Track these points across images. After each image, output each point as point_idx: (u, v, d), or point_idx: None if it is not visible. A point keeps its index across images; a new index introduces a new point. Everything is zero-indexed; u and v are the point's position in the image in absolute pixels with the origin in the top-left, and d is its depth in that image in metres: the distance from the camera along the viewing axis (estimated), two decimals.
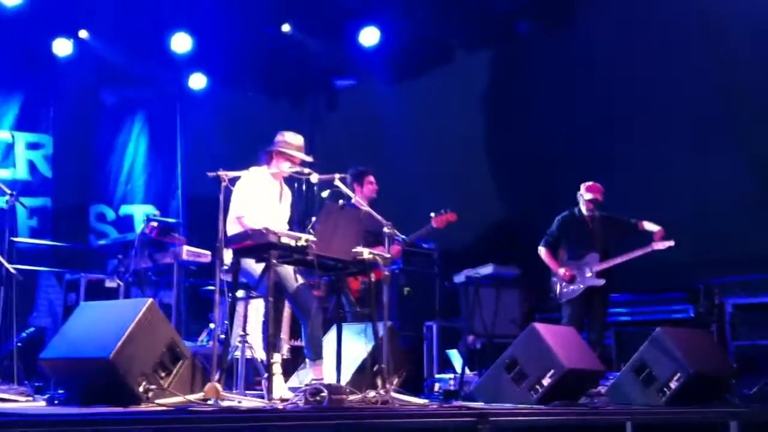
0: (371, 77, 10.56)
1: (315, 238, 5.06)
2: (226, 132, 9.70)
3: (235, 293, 5.24)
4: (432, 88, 10.36)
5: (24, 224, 8.83)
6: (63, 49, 9.23)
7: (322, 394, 4.64)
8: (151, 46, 9.56)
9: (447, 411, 4.92)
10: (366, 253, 5.29)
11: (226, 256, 5.18)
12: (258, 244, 4.99)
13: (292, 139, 5.76)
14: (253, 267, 5.30)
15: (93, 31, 9.32)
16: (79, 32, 9.27)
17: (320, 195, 5.95)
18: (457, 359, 7.62)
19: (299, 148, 5.75)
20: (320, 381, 5.18)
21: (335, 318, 5.74)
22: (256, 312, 5.93)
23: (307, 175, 5.59)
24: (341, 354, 5.52)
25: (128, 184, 9.81)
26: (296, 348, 6.39)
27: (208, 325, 6.86)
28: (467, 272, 7.19)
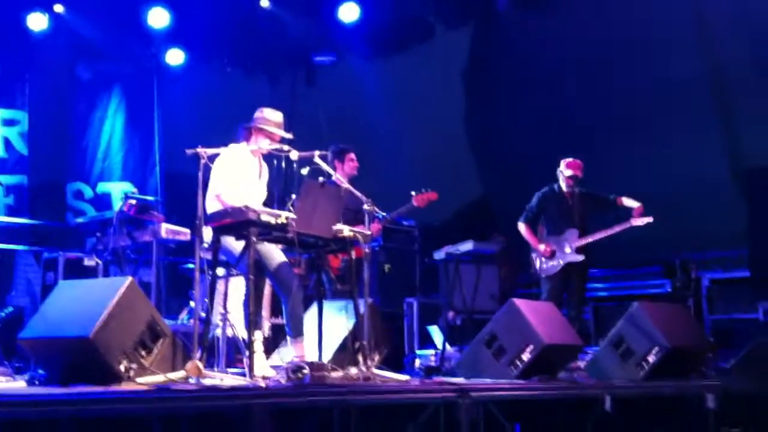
0: (351, 53, 10.52)
1: (295, 215, 5.04)
2: (204, 108, 9.62)
3: (215, 271, 5.22)
4: (412, 65, 10.34)
5: (0, 203, 8.74)
6: (38, 24, 9.07)
7: (304, 371, 4.66)
8: (127, 21, 9.43)
9: (428, 387, 4.96)
10: (346, 230, 5.28)
11: (206, 233, 5.16)
12: (238, 221, 4.97)
13: (272, 116, 5.72)
14: (233, 245, 5.27)
15: (68, 5, 9.17)
16: (54, 6, 9.12)
17: (300, 172, 5.91)
18: (437, 335, 7.67)
19: (278, 125, 5.71)
20: (302, 358, 5.20)
21: (316, 295, 5.74)
22: (236, 290, 5.92)
23: (287, 152, 5.55)
24: (322, 331, 5.53)
25: (105, 161, 9.71)
26: (277, 326, 6.39)
27: (188, 303, 6.84)
28: (447, 249, 7.21)
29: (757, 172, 8.12)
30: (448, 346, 7.09)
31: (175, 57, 9.96)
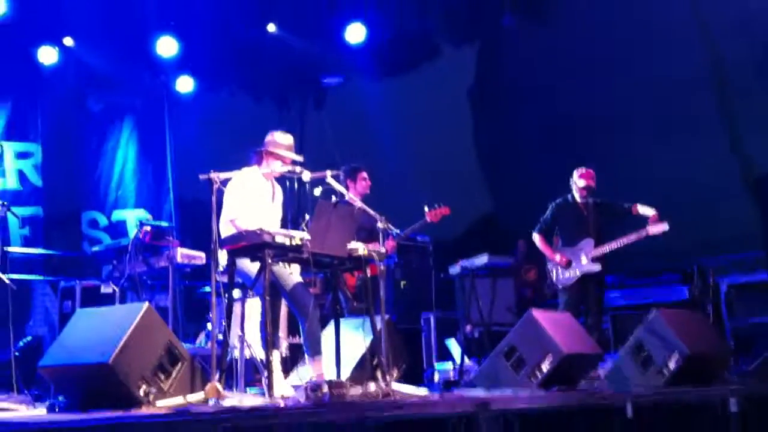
0: (358, 74, 10.58)
1: (309, 236, 5.06)
2: (215, 133, 9.70)
3: (231, 294, 5.24)
4: (419, 84, 10.40)
5: (16, 234, 8.81)
6: (48, 57, 9.20)
7: (323, 389, 4.65)
8: (136, 51, 9.54)
9: (448, 401, 4.94)
10: (361, 249, 5.30)
11: (221, 257, 5.19)
12: (253, 244, 5.00)
13: (282, 139, 5.76)
14: (249, 267, 5.30)
15: (77, 38, 9.29)
16: (63, 39, 9.24)
17: (313, 193, 5.94)
18: (455, 349, 7.65)
19: (289, 148, 5.76)
20: (320, 377, 5.20)
21: (333, 314, 5.75)
22: (253, 311, 5.94)
23: (299, 174, 5.59)
24: (340, 349, 5.53)
25: (119, 189, 9.78)
26: (295, 345, 6.40)
27: (205, 327, 6.86)
28: (462, 263, 7.22)
29: None
30: (466, 359, 7.08)
31: (184, 84, 10.05)
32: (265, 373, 4.93)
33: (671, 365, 5.74)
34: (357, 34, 9.98)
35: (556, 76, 9.62)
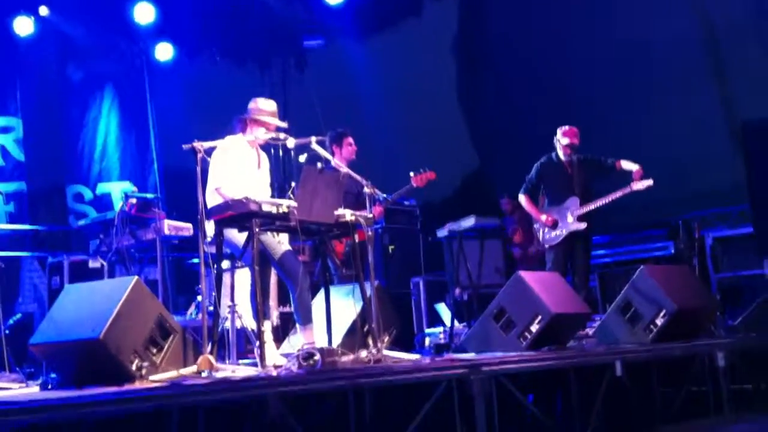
0: (340, 35, 10.46)
1: (296, 203, 5.05)
2: (197, 101, 9.60)
3: (220, 264, 5.24)
4: (401, 41, 10.30)
5: (1, 210, 8.74)
6: (24, 28, 9.02)
7: (315, 357, 4.67)
8: (114, 18, 9.40)
9: (439, 364, 4.98)
10: (348, 215, 5.29)
11: (209, 228, 5.17)
12: (239, 213, 4.98)
13: (265, 106, 5.71)
14: (237, 237, 5.29)
15: (53, 7, 9.12)
16: (39, 9, 9.07)
17: (298, 159, 5.90)
18: (445, 312, 7.69)
19: (273, 114, 5.71)
20: (312, 345, 5.22)
21: (322, 281, 5.76)
22: (242, 282, 5.94)
23: (284, 141, 5.55)
24: (331, 316, 5.56)
25: (103, 161, 9.68)
26: (285, 314, 6.41)
27: (195, 298, 6.86)
28: (450, 226, 7.21)
29: (752, 125, 8.08)
30: (456, 323, 7.11)
31: (164, 52, 9.92)
32: (257, 343, 4.95)
33: (659, 321, 5.80)
34: None
35: (542, 28, 9.54)
